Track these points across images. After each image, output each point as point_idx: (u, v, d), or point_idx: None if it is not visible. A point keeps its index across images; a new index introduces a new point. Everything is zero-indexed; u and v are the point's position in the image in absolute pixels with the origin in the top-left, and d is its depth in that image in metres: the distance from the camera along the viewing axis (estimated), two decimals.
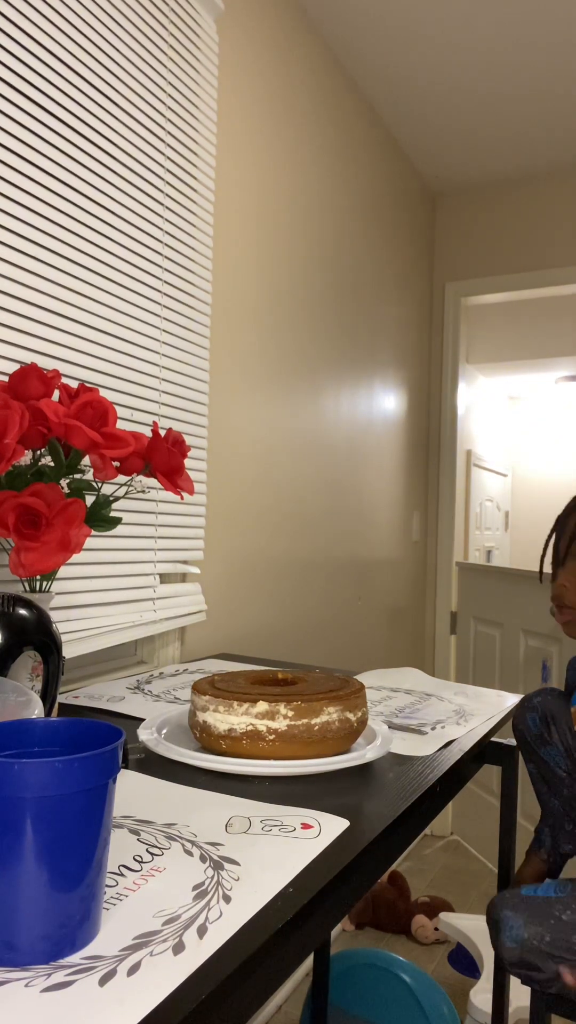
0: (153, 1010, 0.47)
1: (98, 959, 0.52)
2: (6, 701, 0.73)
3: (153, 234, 1.52)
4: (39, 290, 1.24)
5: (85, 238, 1.34)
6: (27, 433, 0.94)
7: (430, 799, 0.87)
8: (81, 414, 0.99)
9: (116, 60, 1.40)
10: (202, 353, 1.70)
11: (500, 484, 4.77)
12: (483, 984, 1.88)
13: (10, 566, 0.91)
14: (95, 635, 1.39)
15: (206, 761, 0.88)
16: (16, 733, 0.59)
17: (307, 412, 2.30)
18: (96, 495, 1.05)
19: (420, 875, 2.85)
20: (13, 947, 0.51)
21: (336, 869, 0.66)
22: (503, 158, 3.10)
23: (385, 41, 2.38)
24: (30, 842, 0.50)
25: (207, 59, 1.70)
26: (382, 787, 0.87)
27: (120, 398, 1.44)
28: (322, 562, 2.42)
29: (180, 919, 0.57)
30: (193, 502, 1.67)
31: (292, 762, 0.88)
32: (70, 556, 0.92)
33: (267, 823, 0.75)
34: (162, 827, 0.73)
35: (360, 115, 2.65)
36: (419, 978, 1.78)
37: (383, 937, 2.47)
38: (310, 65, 2.28)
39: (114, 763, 0.54)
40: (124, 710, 1.17)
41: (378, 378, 2.86)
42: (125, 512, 1.44)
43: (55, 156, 1.27)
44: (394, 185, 2.99)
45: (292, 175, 2.18)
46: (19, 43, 1.19)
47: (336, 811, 0.78)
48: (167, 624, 1.60)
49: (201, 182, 1.68)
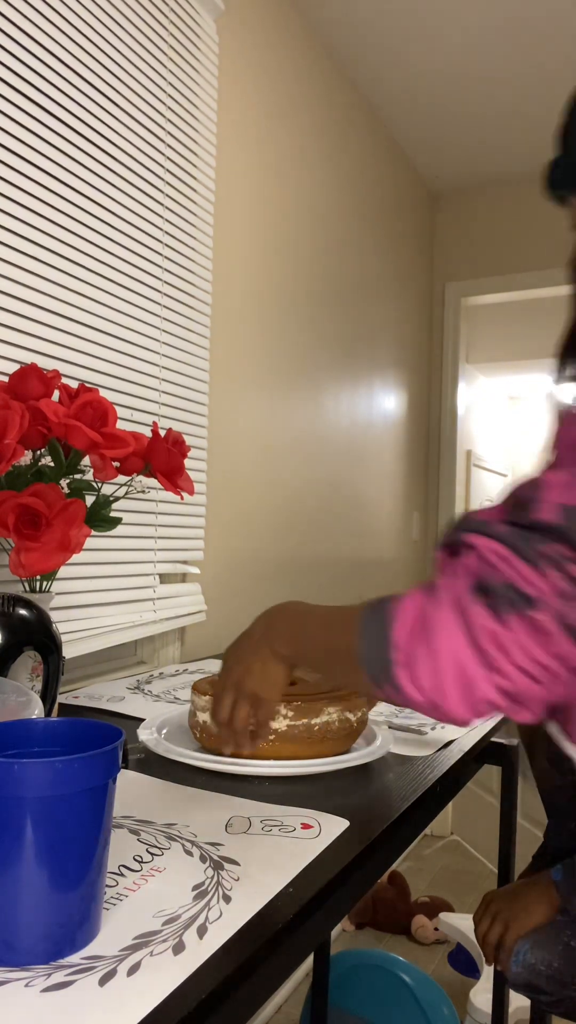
0: (153, 1010, 0.47)
1: (98, 959, 0.52)
2: (6, 701, 0.73)
3: (153, 234, 1.52)
4: (39, 290, 1.24)
5: (85, 238, 1.34)
6: (27, 433, 0.94)
7: (430, 799, 0.87)
8: (81, 414, 0.99)
9: (116, 60, 1.40)
10: (202, 353, 1.70)
11: (500, 484, 4.77)
12: (483, 984, 1.89)
13: (10, 566, 0.91)
14: (95, 635, 1.39)
15: (206, 761, 0.88)
16: (16, 733, 0.59)
17: (307, 412, 2.30)
18: (96, 495, 1.05)
19: (420, 875, 2.85)
20: (13, 947, 0.51)
21: (336, 869, 0.66)
22: (503, 158, 3.10)
23: (385, 41, 2.38)
24: (30, 842, 0.50)
25: (207, 59, 1.70)
26: (382, 787, 0.87)
27: (120, 398, 1.43)
28: (322, 562, 2.42)
29: (180, 919, 0.57)
30: (193, 502, 1.67)
31: (292, 762, 0.88)
32: (70, 556, 0.92)
33: (267, 823, 0.75)
34: (162, 827, 0.73)
35: (360, 115, 2.65)
36: (419, 978, 1.78)
37: (383, 937, 2.47)
38: (310, 65, 2.28)
39: (114, 763, 0.54)
40: (124, 710, 1.17)
41: (378, 378, 2.86)
42: (125, 512, 1.44)
43: (55, 156, 1.27)
44: (394, 185, 2.99)
45: (292, 175, 2.17)
46: (19, 43, 1.19)
47: (336, 811, 0.78)
48: (167, 624, 1.60)
49: (201, 182, 1.68)
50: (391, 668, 0.56)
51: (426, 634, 0.54)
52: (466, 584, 0.54)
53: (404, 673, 0.55)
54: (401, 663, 0.56)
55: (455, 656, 0.53)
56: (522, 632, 0.52)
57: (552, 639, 0.52)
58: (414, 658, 0.55)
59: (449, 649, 0.53)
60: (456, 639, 0.53)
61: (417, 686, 0.55)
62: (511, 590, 0.52)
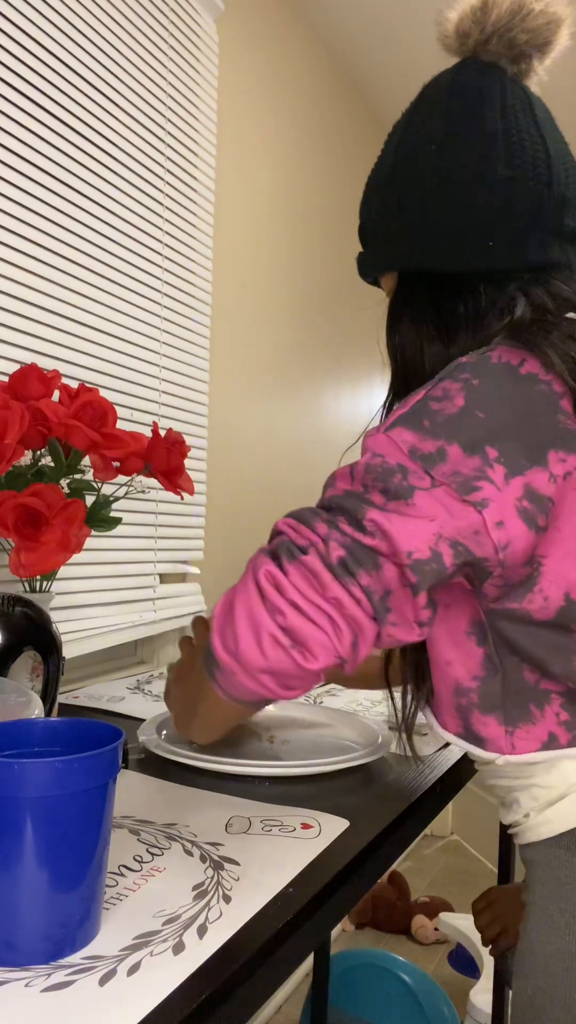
0: (153, 1010, 0.47)
1: (98, 959, 0.52)
2: (6, 701, 0.74)
3: (153, 234, 1.52)
4: (39, 290, 1.24)
5: (85, 238, 1.34)
6: (27, 433, 0.94)
7: (430, 799, 0.87)
8: (81, 414, 0.99)
9: (116, 60, 1.40)
10: (202, 353, 1.70)
11: None
12: (483, 984, 1.88)
13: (10, 566, 0.91)
14: (95, 635, 1.39)
15: (206, 761, 0.88)
16: (16, 733, 0.59)
17: (307, 411, 2.30)
18: (96, 495, 1.05)
19: (420, 875, 2.85)
20: (13, 947, 0.51)
21: (336, 869, 0.66)
22: None
23: (385, 41, 2.38)
24: (30, 842, 0.50)
25: (207, 59, 1.70)
26: (382, 787, 0.87)
27: (120, 398, 1.43)
28: None
29: (180, 919, 0.57)
30: (193, 502, 1.67)
31: (292, 762, 0.88)
32: (70, 556, 0.92)
33: (267, 823, 0.75)
34: (162, 827, 0.73)
35: (360, 115, 2.65)
36: (419, 978, 1.78)
37: (383, 937, 2.47)
38: (310, 65, 2.28)
39: (114, 763, 0.54)
40: (124, 710, 1.17)
41: (378, 377, 2.85)
42: (125, 512, 1.44)
43: (55, 156, 1.27)
44: None
45: (292, 174, 2.18)
46: (19, 43, 1.19)
47: (336, 811, 0.78)
48: (167, 624, 1.60)
49: (201, 182, 1.68)
50: (211, 640, 0.61)
51: (228, 601, 0.60)
52: (260, 553, 0.61)
53: (216, 638, 0.60)
54: (215, 631, 0.61)
55: (246, 604, 0.58)
56: (295, 575, 0.57)
57: (321, 581, 0.57)
58: (222, 623, 0.60)
59: (242, 601, 0.59)
60: (247, 591, 0.59)
61: (224, 645, 0.59)
62: (289, 545, 0.59)
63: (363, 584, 0.57)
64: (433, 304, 0.75)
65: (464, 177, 0.72)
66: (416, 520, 0.58)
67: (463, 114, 0.74)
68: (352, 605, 0.57)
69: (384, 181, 0.78)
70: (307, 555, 0.58)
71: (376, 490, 0.60)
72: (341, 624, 0.57)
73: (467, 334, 0.73)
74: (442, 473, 0.60)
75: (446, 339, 0.74)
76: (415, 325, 0.76)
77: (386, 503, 0.59)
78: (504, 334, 0.68)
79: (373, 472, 0.61)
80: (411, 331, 0.76)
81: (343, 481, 0.63)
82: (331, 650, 0.57)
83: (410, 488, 0.59)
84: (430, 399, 0.63)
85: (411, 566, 0.57)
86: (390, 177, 0.77)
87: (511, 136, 0.73)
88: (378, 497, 0.59)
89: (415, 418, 0.62)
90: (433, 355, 0.74)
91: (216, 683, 0.62)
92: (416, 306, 0.77)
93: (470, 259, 0.73)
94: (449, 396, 0.62)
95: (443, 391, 0.63)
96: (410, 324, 0.77)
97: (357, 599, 0.57)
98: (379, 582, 0.58)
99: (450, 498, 0.59)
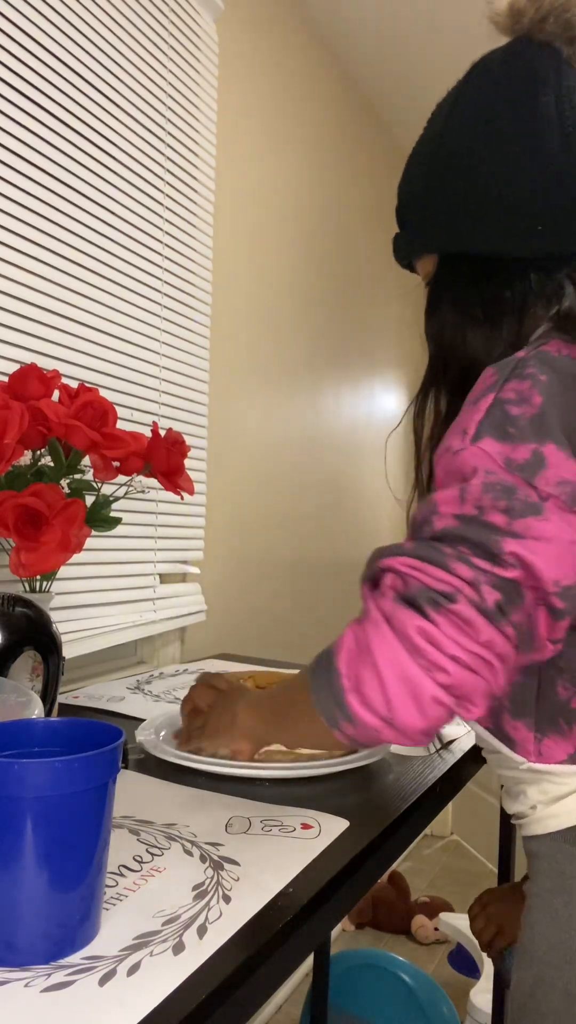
0: (153, 1010, 0.47)
1: (98, 959, 0.52)
2: (6, 701, 0.73)
3: (153, 234, 1.52)
4: (39, 290, 1.24)
5: (85, 238, 1.34)
6: (27, 433, 0.94)
7: (430, 799, 0.87)
8: (81, 414, 0.99)
9: (116, 60, 1.40)
10: (202, 353, 1.70)
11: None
12: (483, 984, 1.88)
13: (10, 566, 0.91)
14: (95, 635, 1.39)
15: (206, 761, 0.88)
16: (16, 733, 0.59)
17: (307, 412, 2.30)
18: (96, 495, 1.05)
19: (420, 875, 2.84)
20: (13, 947, 0.51)
21: (336, 869, 0.66)
22: None
23: (385, 41, 2.38)
24: (30, 842, 0.50)
25: (207, 59, 1.70)
26: (382, 787, 0.87)
27: (120, 398, 1.43)
28: (323, 561, 2.42)
29: (180, 919, 0.57)
30: (193, 502, 1.67)
31: (292, 763, 0.88)
32: (70, 556, 0.92)
33: (267, 823, 0.75)
34: (162, 827, 0.73)
35: (360, 114, 2.65)
36: (419, 978, 1.78)
37: (383, 937, 2.47)
38: (310, 65, 2.28)
39: (114, 763, 0.54)
40: (124, 710, 1.17)
41: (378, 378, 2.86)
42: (125, 512, 1.44)
43: (55, 156, 1.27)
44: (394, 185, 2.98)
45: (292, 175, 2.17)
46: (19, 43, 1.19)
47: (336, 811, 0.78)
48: (167, 624, 1.60)
49: (201, 182, 1.68)
50: (343, 698, 0.57)
51: (365, 654, 0.56)
52: (389, 600, 0.57)
53: (354, 698, 0.57)
54: (349, 689, 0.57)
55: (395, 663, 0.55)
56: (447, 625, 0.54)
57: (475, 627, 0.54)
58: (360, 680, 0.56)
59: (388, 659, 0.55)
60: (392, 647, 0.55)
61: (368, 707, 0.56)
62: (429, 592, 0.55)
63: (515, 621, 0.55)
64: (477, 288, 0.72)
65: (515, 158, 0.69)
66: (549, 543, 0.55)
67: (517, 93, 0.71)
68: (503, 643, 0.55)
69: (428, 159, 0.75)
70: (456, 603, 0.54)
71: (496, 511, 0.56)
72: (496, 664, 0.55)
73: (512, 320, 0.70)
74: (547, 482, 0.57)
75: (489, 324, 0.71)
76: (457, 309, 0.73)
77: (511, 523, 0.55)
78: (552, 324, 0.65)
79: (492, 491, 0.57)
80: (453, 315, 0.73)
81: (450, 506, 0.58)
82: (489, 694, 0.56)
83: (535, 505, 0.56)
84: (505, 404, 0.59)
85: (559, 594, 0.55)
86: (434, 154, 0.74)
87: (565, 118, 0.69)
88: (499, 518, 0.56)
89: (498, 427, 0.58)
90: (476, 340, 0.71)
91: (341, 732, 0.59)
92: (458, 290, 0.73)
93: (519, 243, 0.70)
94: (525, 397, 0.59)
95: (516, 393, 0.60)
96: (451, 308, 0.73)
97: (508, 636, 0.55)
98: (523, 612, 0.56)
99: (562, 511, 0.56)
